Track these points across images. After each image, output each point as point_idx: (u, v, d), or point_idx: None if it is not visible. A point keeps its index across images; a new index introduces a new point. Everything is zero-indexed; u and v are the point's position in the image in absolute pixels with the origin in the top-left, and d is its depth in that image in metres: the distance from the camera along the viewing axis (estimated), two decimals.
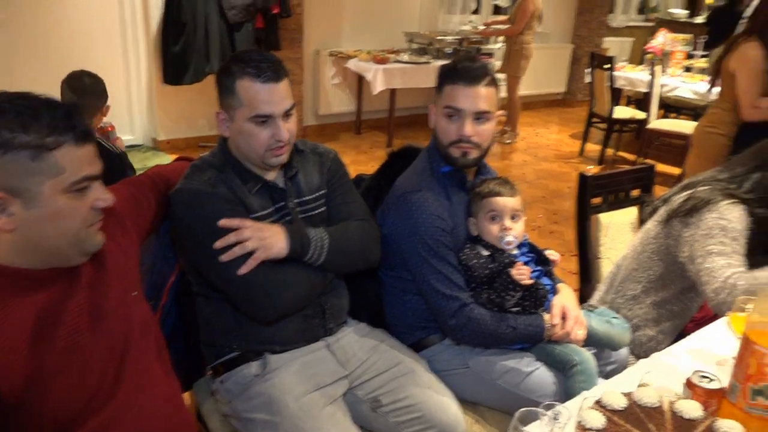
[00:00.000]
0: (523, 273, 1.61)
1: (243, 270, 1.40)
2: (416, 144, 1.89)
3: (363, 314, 1.78)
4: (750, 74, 3.03)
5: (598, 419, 0.96)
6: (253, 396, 1.49)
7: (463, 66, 1.65)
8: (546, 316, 1.64)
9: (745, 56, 3.04)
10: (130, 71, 5.02)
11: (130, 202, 1.45)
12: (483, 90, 1.63)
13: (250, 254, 1.41)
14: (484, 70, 1.66)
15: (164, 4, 4.76)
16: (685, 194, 1.86)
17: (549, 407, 1.03)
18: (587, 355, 1.62)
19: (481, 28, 6.63)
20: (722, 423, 0.97)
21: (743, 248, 1.73)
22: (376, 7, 6.33)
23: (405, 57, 6.00)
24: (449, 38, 6.28)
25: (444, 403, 1.56)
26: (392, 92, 5.87)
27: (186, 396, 1.65)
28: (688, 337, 1.59)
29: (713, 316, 1.93)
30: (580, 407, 1.16)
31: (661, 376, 1.20)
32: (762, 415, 1.12)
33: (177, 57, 4.85)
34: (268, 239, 1.43)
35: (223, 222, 1.42)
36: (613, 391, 1.03)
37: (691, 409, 1.00)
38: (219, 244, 1.40)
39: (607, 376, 1.70)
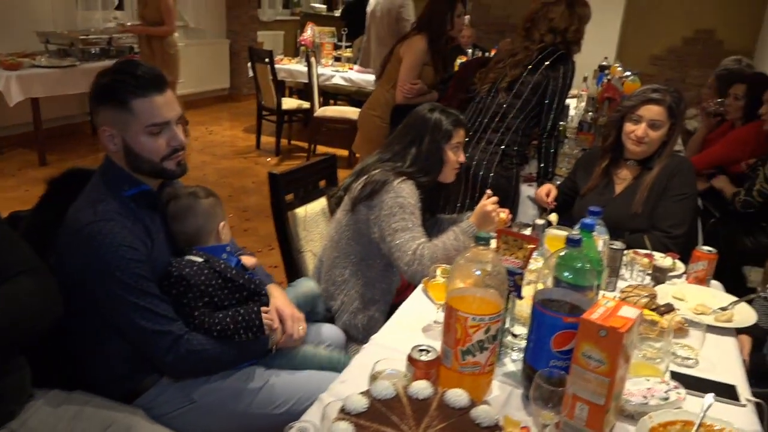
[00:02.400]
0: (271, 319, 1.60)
1: None
2: (84, 166, 1.62)
3: (53, 378, 1.48)
4: (412, 62, 3.54)
5: (346, 429, 0.95)
6: None
7: (144, 73, 1.46)
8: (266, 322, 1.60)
9: (412, 46, 3.56)
10: None
11: None
12: (170, 92, 1.50)
13: None
14: (159, 71, 1.50)
15: None
16: (362, 180, 2.00)
17: (303, 426, 0.98)
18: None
19: (129, 24, 6.10)
20: (450, 394, 1.05)
21: (420, 219, 1.95)
22: None
23: (43, 60, 5.19)
24: (94, 37, 5.64)
25: None
26: (34, 102, 5.04)
27: None
28: (396, 312, 1.71)
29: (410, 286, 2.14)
30: (323, 415, 1.15)
31: (389, 360, 1.25)
32: (472, 372, 1.26)
33: None
34: None
35: None
36: (353, 394, 1.03)
37: (422, 389, 1.06)
38: None
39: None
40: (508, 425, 1.18)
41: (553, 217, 2.11)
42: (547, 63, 2.67)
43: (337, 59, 6.68)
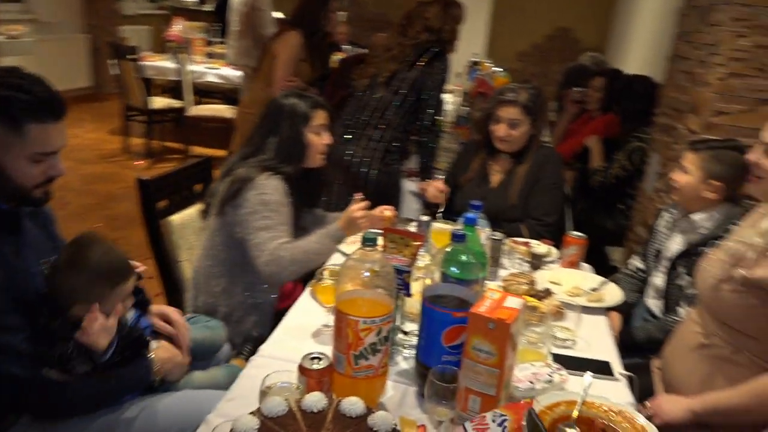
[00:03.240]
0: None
1: None
2: None
3: None
4: (288, 58, 3.46)
5: None
6: None
7: (45, 95, 1.28)
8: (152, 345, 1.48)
9: (287, 42, 3.48)
10: None
11: None
12: (65, 120, 1.33)
13: None
14: (59, 94, 1.32)
15: None
16: (227, 180, 1.92)
17: None
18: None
19: None
20: (345, 403, 1.01)
21: (287, 216, 1.90)
22: None
23: None
24: None
25: None
26: None
27: None
28: (283, 319, 1.65)
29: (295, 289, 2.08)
30: None
31: (279, 372, 1.19)
32: (366, 375, 1.24)
33: None
34: None
35: None
36: (243, 415, 0.97)
37: (316, 401, 1.01)
38: None
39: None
40: (405, 426, 1.17)
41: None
42: (423, 60, 2.71)
43: (210, 56, 6.41)
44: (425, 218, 1.65)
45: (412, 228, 2.10)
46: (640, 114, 3.16)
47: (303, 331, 1.57)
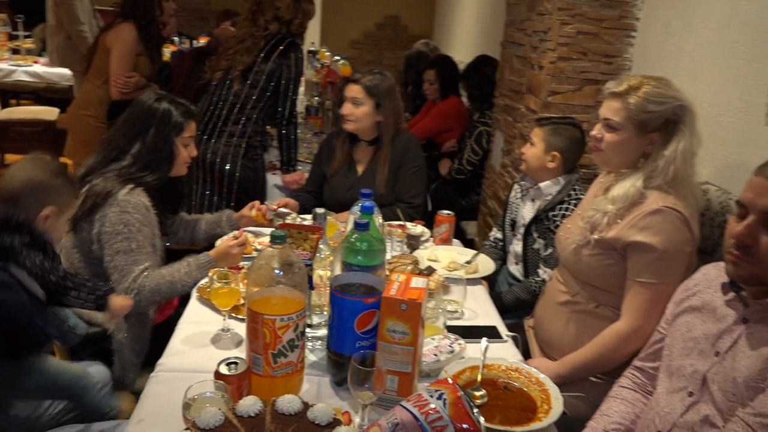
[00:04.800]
0: None
1: None
2: None
3: None
4: (123, 53, 3.22)
5: None
6: None
7: None
8: None
9: (120, 35, 3.23)
10: None
11: None
12: None
13: None
14: None
15: None
16: (82, 193, 1.76)
17: None
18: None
19: None
20: (280, 402, 1.01)
21: (150, 235, 1.79)
22: None
23: None
24: None
25: None
26: None
27: None
28: (176, 330, 1.56)
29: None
30: None
31: (203, 382, 1.14)
32: (286, 372, 1.23)
33: None
34: None
35: None
36: None
37: (250, 405, 1.00)
38: None
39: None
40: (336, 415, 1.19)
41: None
42: (278, 51, 2.68)
43: (15, 51, 5.71)
44: (320, 210, 1.65)
45: (289, 221, 2.10)
46: (488, 96, 3.40)
47: (201, 340, 1.51)
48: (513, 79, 2.90)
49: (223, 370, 1.17)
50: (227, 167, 2.66)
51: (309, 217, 1.99)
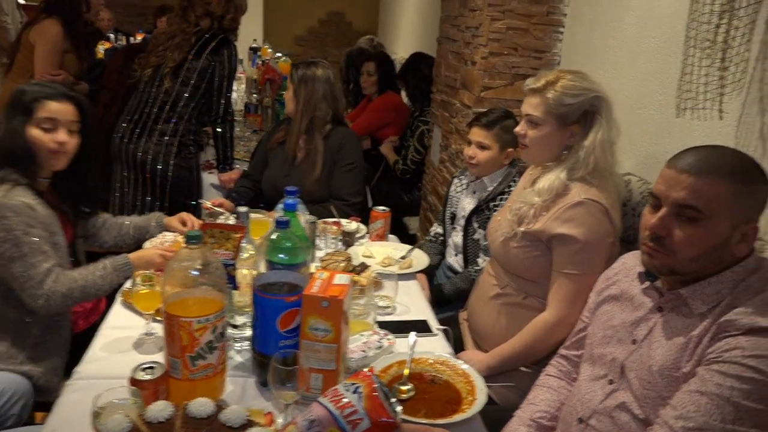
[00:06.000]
0: None
1: None
2: None
3: None
4: (48, 49, 3.16)
5: None
6: None
7: None
8: None
9: (44, 31, 3.17)
10: None
11: None
12: None
13: None
14: None
15: None
16: None
17: None
18: None
19: None
20: (192, 406, 0.98)
21: (46, 235, 1.63)
22: None
23: None
24: None
25: None
26: None
27: None
28: (97, 335, 1.51)
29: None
30: None
31: (111, 390, 1.10)
32: (205, 375, 1.21)
33: None
34: None
35: None
36: None
37: (160, 410, 0.97)
38: None
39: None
40: (253, 416, 1.17)
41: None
42: (210, 48, 2.62)
43: None
44: (243, 209, 1.62)
45: (221, 220, 2.06)
46: (428, 95, 3.42)
47: (122, 345, 1.46)
48: (449, 75, 2.92)
49: (138, 375, 1.14)
50: (159, 166, 2.59)
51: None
